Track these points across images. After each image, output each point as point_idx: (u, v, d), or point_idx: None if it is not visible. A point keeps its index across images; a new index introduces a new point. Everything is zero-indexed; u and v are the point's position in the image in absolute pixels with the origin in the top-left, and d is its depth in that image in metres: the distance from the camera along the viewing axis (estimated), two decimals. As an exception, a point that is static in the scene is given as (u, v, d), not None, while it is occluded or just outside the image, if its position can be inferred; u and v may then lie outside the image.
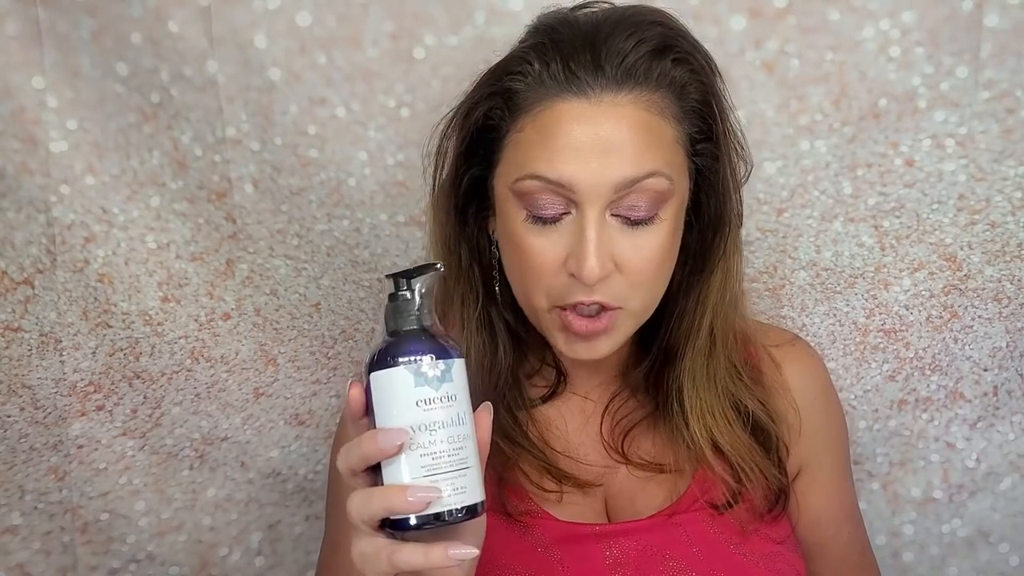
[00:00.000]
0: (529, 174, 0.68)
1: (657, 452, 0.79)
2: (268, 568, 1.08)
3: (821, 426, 0.83)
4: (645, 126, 0.67)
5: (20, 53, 0.83)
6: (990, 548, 1.05)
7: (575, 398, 0.82)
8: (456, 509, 0.58)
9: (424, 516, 0.57)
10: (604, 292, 0.69)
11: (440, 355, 0.59)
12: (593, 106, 0.67)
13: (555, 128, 0.67)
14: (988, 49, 0.84)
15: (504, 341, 0.78)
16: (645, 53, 0.68)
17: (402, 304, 0.61)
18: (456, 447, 0.58)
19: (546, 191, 0.68)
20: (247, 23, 0.83)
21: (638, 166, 0.67)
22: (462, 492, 0.58)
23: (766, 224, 0.93)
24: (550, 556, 0.74)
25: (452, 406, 0.59)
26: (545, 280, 0.70)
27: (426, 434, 0.58)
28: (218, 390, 0.99)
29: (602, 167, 0.66)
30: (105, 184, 0.89)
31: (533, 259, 0.70)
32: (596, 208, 0.67)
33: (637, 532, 0.75)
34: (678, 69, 0.69)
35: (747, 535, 0.76)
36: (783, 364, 0.82)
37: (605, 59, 0.67)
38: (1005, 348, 0.97)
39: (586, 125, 0.67)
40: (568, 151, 0.67)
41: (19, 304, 0.91)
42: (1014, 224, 0.92)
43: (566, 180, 0.66)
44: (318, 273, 0.96)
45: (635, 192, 0.67)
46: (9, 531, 0.97)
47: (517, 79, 0.69)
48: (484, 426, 0.62)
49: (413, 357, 0.58)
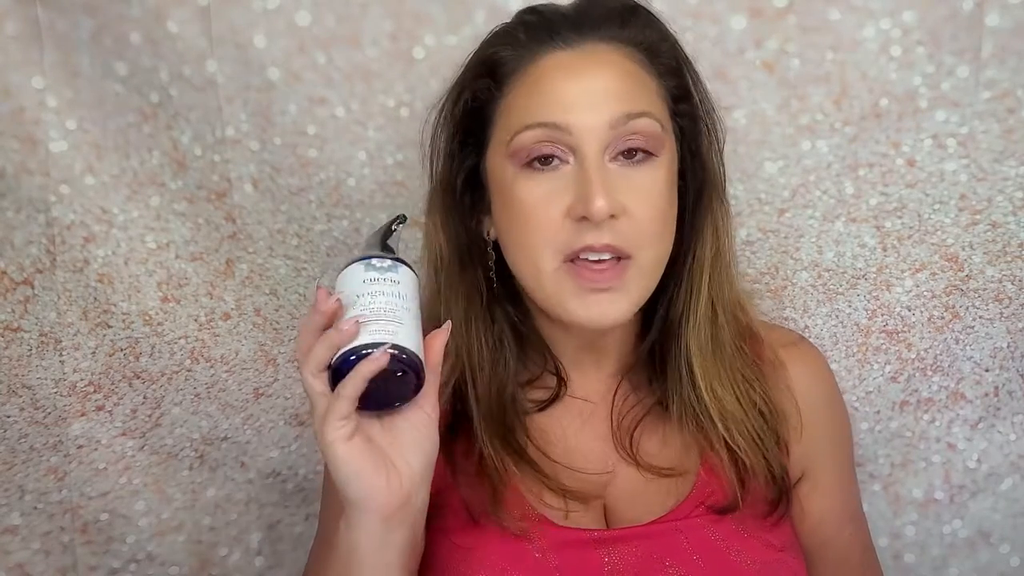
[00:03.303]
0: (525, 124, 0.70)
1: (663, 450, 0.78)
2: (268, 568, 1.08)
3: (825, 428, 0.83)
4: (631, 72, 0.71)
5: (20, 53, 0.84)
6: (991, 549, 1.04)
7: (573, 402, 0.80)
8: (391, 346, 0.63)
9: (354, 348, 0.63)
10: (614, 234, 0.69)
11: (389, 257, 0.68)
12: (578, 54, 0.71)
13: (544, 79, 0.71)
14: (989, 49, 0.84)
15: (509, 342, 0.78)
16: (619, 13, 0.72)
17: (370, 241, 0.71)
18: (391, 308, 0.65)
19: (543, 140, 0.70)
20: (246, 23, 0.83)
21: (629, 104, 0.70)
22: (392, 335, 0.64)
23: (767, 224, 0.92)
24: (547, 562, 0.73)
25: (395, 286, 0.66)
26: (550, 233, 0.70)
27: (366, 298, 0.65)
28: (218, 390, 0.99)
29: (595, 105, 0.69)
30: (105, 184, 0.89)
31: (536, 214, 0.71)
32: (594, 149, 0.69)
33: (636, 538, 0.74)
34: (648, 30, 0.73)
35: (749, 541, 0.74)
36: (787, 364, 0.81)
37: (583, 17, 0.72)
38: (1006, 348, 0.97)
39: (573, 72, 0.70)
40: (560, 95, 0.70)
41: (19, 304, 0.91)
42: (1015, 224, 0.92)
43: (562, 122, 0.69)
44: (318, 273, 0.96)
45: (631, 132, 0.70)
46: (9, 531, 0.97)
47: (503, 49, 0.73)
48: (435, 345, 0.68)
49: (368, 255, 0.68)
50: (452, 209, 0.77)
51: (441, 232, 0.78)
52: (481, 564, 0.73)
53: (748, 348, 0.80)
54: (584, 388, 0.81)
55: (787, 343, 0.83)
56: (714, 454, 0.76)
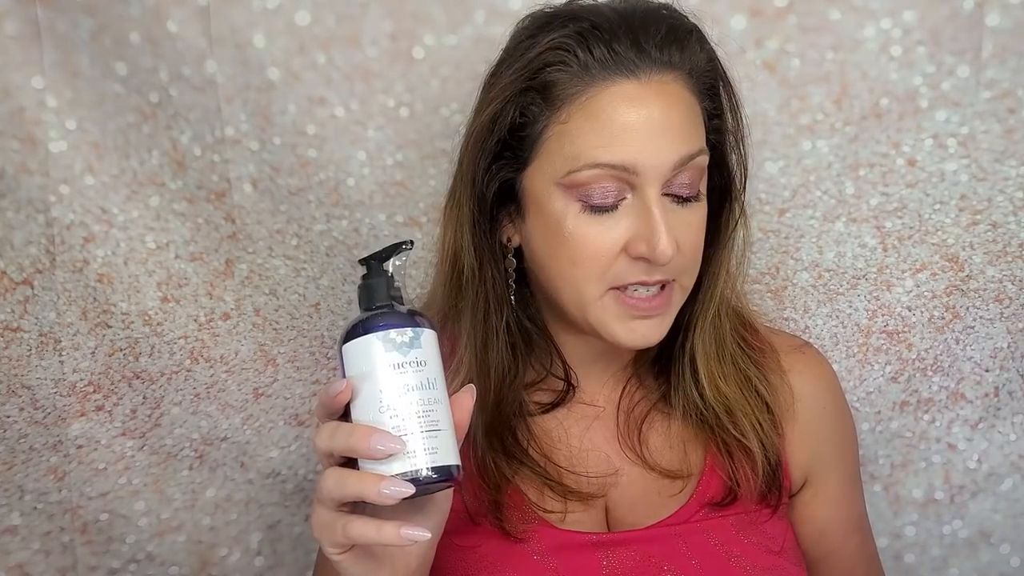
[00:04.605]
0: (588, 163, 0.67)
1: (668, 450, 0.78)
2: (268, 568, 1.08)
3: (830, 436, 0.82)
4: (688, 104, 0.69)
5: (19, 53, 0.83)
6: (991, 549, 1.04)
7: (578, 406, 0.80)
8: (430, 469, 0.58)
9: (386, 479, 0.56)
10: (666, 270, 0.69)
11: (408, 324, 0.60)
12: (643, 86, 0.67)
13: (609, 111, 0.67)
14: (989, 49, 0.84)
15: (520, 345, 0.77)
16: (678, 36, 0.69)
17: (374, 283, 0.63)
18: (427, 409, 0.59)
19: (606, 177, 0.67)
20: (246, 23, 0.83)
21: (690, 144, 0.68)
22: (434, 453, 0.58)
23: (768, 224, 0.92)
24: (546, 564, 0.73)
25: (422, 371, 0.60)
26: (602, 267, 0.69)
27: (393, 397, 0.59)
28: (218, 390, 0.99)
29: (661, 147, 0.67)
30: (104, 184, 0.89)
31: (589, 248, 0.69)
32: (655, 188, 0.68)
33: (636, 542, 0.74)
34: (701, 54, 0.71)
35: (747, 546, 0.74)
36: (792, 371, 0.81)
37: (645, 41, 0.68)
38: (1006, 349, 0.97)
39: (640, 106, 0.67)
40: (628, 133, 0.67)
41: (18, 304, 0.91)
42: (1015, 224, 0.91)
43: (629, 163, 0.67)
44: (317, 273, 0.96)
45: (686, 170, 0.69)
46: (9, 531, 0.97)
47: (557, 69, 0.68)
48: (464, 407, 0.62)
49: (383, 324, 0.60)
50: (476, 214, 0.74)
51: (461, 232, 0.75)
52: (480, 565, 0.73)
53: (746, 337, 0.80)
54: (591, 392, 0.80)
55: (791, 348, 0.82)
56: (717, 450, 0.77)
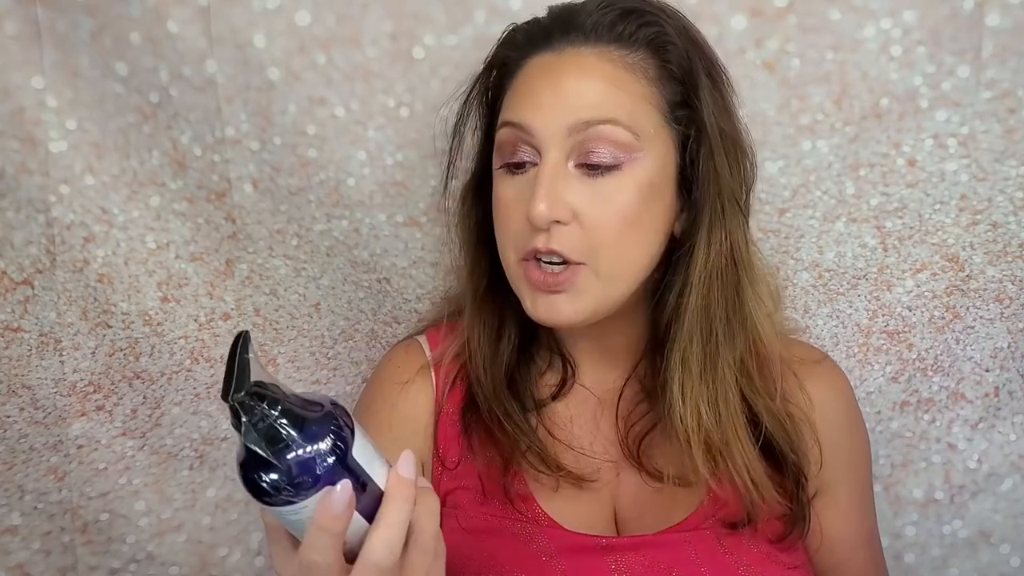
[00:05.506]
0: (501, 121, 0.73)
1: (672, 461, 0.76)
2: (268, 568, 1.08)
3: (844, 449, 0.82)
4: (609, 77, 0.70)
5: (19, 53, 0.83)
6: (991, 549, 1.04)
7: (585, 393, 0.81)
8: None
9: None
10: (560, 241, 0.69)
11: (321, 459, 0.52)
12: (558, 57, 0.71)
13: (525, 77, 0.73)
14: (990, 49, 0.84)
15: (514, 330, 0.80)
16: (613, 15, 0.71)
17: (257, 422, 0.52)
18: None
19: (515, 138, 0.71)
20: (246, 23, 0.83)
21: (593, 111, 0.69)
22: None
23: (768, 224, 0.92)
24: (554, 566, 0.73)
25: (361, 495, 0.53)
26: (512, 229, 0.72)
27: None
28: (218, 390, 0.98)
29: (556, 109, 0.69)
30: (105, 184, 0.89)
31: (502, 209, 0.73)
32: (553, 153, 0.69)
33: (645, 547, 0.74)
34: (647, 30, 0.71)
35: (759, 557, 0.74)
36: (807, 382, 0.79)
37: (575, 20, 0.72)
38: (1007, 349, 0.97)
39: (549, 73, 0.71)
40: (530, 96, 0.71)
41: (19, 304, 0.91)
42: (1016, 224, 0.91)
43: (525, 123, 0.70)
44: (317, 273, 0.96)
45: (593, 139, 0.69)
46: (9, 531, 0.97)
47: (506, 49, 0.76)
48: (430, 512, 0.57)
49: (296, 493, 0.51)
50: (478, 198, 0.79)
51: (468, 217, 0.81)
52: (489, 565, 0.73)
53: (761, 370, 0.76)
54: (592, 378, 0.81)
55: (809, 360, 0.82)
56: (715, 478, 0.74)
